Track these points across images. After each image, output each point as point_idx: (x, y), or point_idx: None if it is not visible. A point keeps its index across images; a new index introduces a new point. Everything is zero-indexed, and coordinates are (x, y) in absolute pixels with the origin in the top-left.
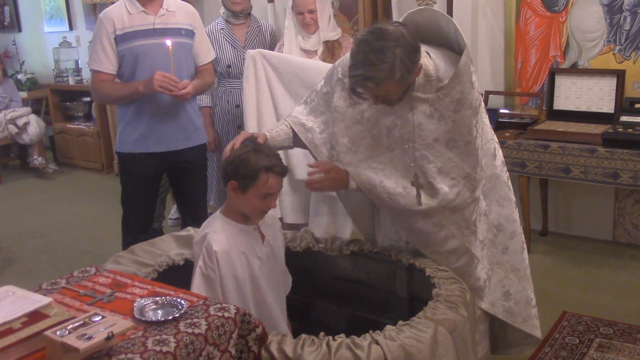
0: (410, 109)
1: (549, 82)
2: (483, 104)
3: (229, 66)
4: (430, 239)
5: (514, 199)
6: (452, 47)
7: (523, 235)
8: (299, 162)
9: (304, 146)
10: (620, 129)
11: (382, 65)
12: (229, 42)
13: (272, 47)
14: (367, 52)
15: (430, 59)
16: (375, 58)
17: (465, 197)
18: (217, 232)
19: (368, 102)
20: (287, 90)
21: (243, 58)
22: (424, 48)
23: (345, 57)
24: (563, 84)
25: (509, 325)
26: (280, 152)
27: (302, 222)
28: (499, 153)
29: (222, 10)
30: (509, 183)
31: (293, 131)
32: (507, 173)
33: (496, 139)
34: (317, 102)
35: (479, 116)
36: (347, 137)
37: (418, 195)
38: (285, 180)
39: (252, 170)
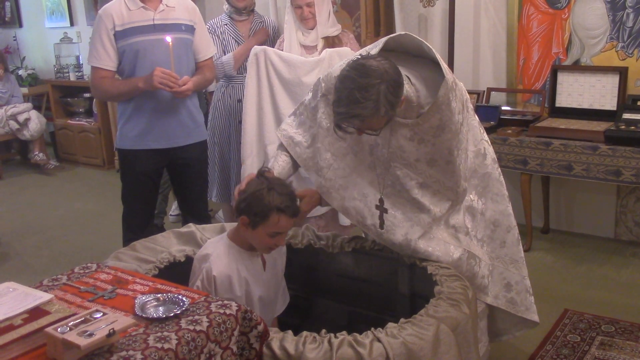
0: (390, 131)
1: (551, 79)
2: (470, 105)
3: None
4: (434, 256)
5: (507, 193)
6: (434, 59)
7: (517, 227)
8: None
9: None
10: (623, 127)
11: (367, 103)
12: (232, 37)
13: (274, 43)
14: (352, 90)
15: (412, 85)
16: (360, 95)
17: (446, 207)
18: (220, 257)
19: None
20: (285, 89)
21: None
22: (404, 72)
23: (329, 73)
24: (565, 81)
25: (497, 313)
26: None
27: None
28: (490, 151)
29: (226, 6)
30: (501, 179)
31: (291, 157)
32: (499, 169)
33: (486, 138)
34: (305, 115)
35: (461, 135)
36: (330, 152)
37: (380, 217)
38: None
39: (264, 209)
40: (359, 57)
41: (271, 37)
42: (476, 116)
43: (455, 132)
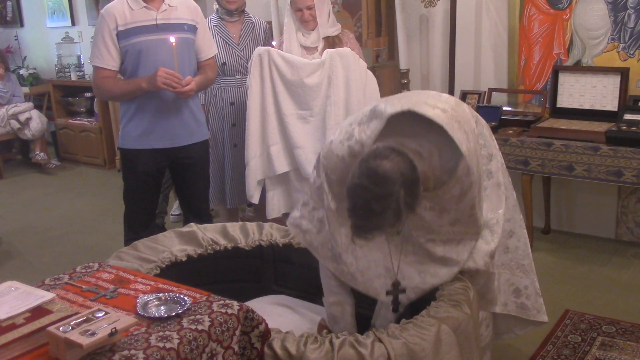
0: None
1: (552, 79)
2: (481, 120)
3: (224, 63)
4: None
5: (512, 197)
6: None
7: (525, 231)
8: (308, 160)
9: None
10: (624, 127)
11: (387, 213)
12: (223, 39)
13: (265, 44)
14: (367, 201)
15: (424, 160)
16: (378, 206)
17: (472, 247)
18: None
19: None
20: (287, 90)
21: (237, 55)
22: (413, 146)
23: (329, 149)
24: (567, 81)
25: (499, 314)
26: (290, 151)
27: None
28: (497, 157)
29: (216, 7)
30: (502, 181)
31: (342, 298)
32: (504, 173)
33: (493, 143)
34: (309, 195)
35: (481, 188)
36: (343, 235)
37: (394, 302)
38: (292, 174)
39: None
40: (369, 155)
41: (262, 38)
42: (482, 119)
43: (477, 191)
